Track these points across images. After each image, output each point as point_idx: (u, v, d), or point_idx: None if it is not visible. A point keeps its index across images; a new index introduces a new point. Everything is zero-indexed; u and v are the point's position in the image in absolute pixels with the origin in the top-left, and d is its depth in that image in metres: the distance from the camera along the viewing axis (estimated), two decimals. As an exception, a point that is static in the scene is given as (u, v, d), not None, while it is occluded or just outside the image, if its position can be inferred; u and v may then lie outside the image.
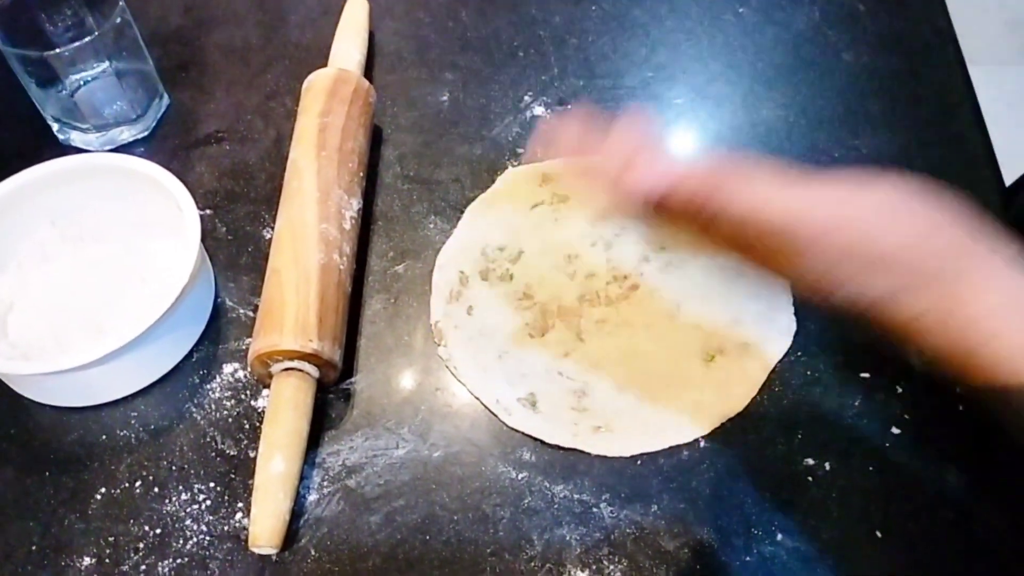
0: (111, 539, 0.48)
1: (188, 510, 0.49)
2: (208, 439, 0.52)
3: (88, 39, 0.58)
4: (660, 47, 0.72)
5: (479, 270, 0.58)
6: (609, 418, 0.51)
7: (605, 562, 0.47)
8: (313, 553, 0.47)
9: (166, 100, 0.68)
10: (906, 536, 0.47)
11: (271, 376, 0.50)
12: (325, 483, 0.50)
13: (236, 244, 0.60)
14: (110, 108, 0.64)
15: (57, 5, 0.62)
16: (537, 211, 0.61)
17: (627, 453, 0.50)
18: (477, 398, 0.53)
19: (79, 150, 0.65)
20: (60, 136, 0.65)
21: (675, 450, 0.51)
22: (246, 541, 0.46)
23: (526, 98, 0.69)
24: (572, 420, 0.51)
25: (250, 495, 0.47)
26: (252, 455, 0.50)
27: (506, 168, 0.64)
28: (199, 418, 0.52)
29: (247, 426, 0.52)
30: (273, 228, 0.57)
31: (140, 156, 0.56)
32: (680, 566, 0.47)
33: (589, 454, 0.50)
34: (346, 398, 0.53)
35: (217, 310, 0.57)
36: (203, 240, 0.54)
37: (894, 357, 0.53)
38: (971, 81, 0.69)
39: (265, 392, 0.53)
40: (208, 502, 0.49)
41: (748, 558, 0.47)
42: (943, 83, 0.69)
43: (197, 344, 0.55)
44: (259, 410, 0.52)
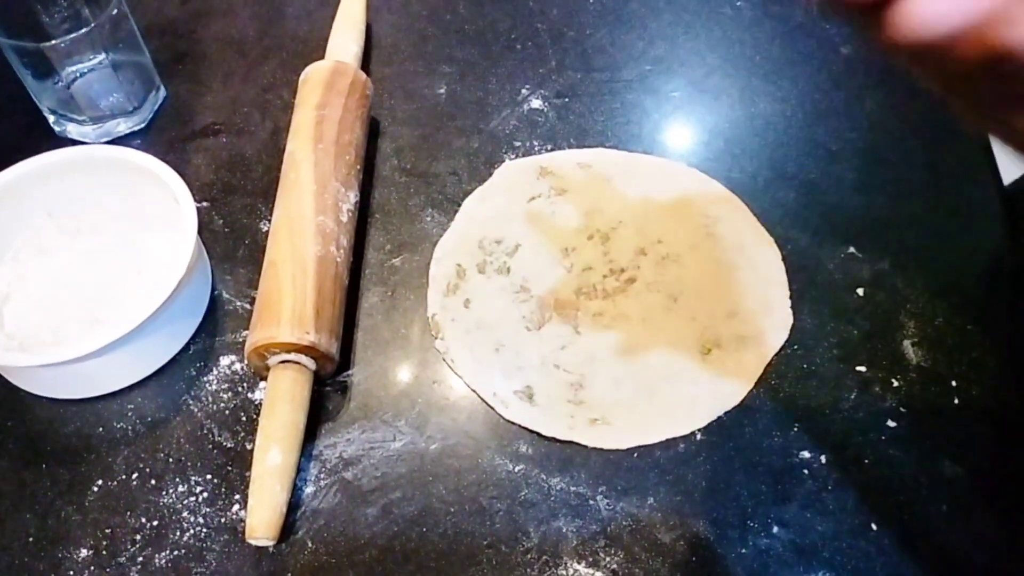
0: (108, 531, 0.48)
1: (185, 502, 0.49)
2: (205, 431, 0.52)
3: (84, 30, 0.58)
4: (658, 40, 0.72)
5: (476, 263, 0.58)
6: (606, 411, 0.52)
7: (601, 554, 0.47)
8: (310, 545, 0.47)
9: (163, 92, 0.68)
10: (901, 529, 0.48)
11: (268, 369, 0.50)
12: (322, 475, 0.50)
13: (233, 236, 0.60)
14: (106, 100, 0.64)
15: (53, -4, 0.62)
16: (534, 204, 0.61)
17: (623, 446, 0.50)
18: (474, 391, 0.53)
19: (75, 142, 0.64)
20: (56, 128, 0.65)
21: (671, 443, 0.51)
22: (243, 533, 0.46)
23: (523, 91, 0.68)
24: (569, 413, 0.51)
25: (247, 487, 0.47)
26: (249, 447, 0.50)
27: (503, 161, 0.64)
28: (196, 410, 0.52)
29: (244, 418, 0.52)
30: (270, 221, 0.57)
31: (137, 148, 0.56)
32: (676, 558, 0.47)
33: (585, 447, 0.50)
34: (343, 391, 0.53)
35: (214, 302, 0.57)
36: (200, 232, 0.54)
37: (890, 351, 0.54)
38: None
39: (262, 384, 0.53)
40: (205, 494, 0.49)
41: (744, 550, 0.47)
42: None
43: (194, 336, 0.55)
44: (256, 402, 0.52)
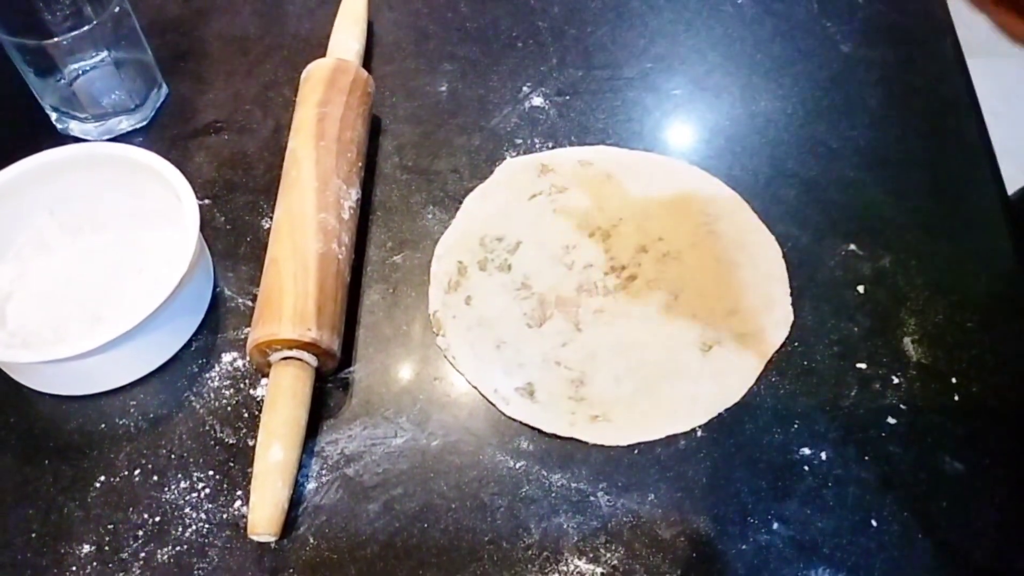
0: (110, 527, 0.48)
1: (187, 498, 0.49)
2: (207, 428, 0.52)
3: (86, 28, 0.58)
4: (659, 38, 0.72)
5: (477, 260, 0.58)
6: (606, 408, 0.52)
7: (602, 550, 0.47)
8: (312, 541, 0.48)
9: (165, 90, 0.68)
10: (901, 526, 0.48)
11: (270, 365, 0.50)
12: (324, 471, 0.50)
13: (235, 234, 0.60)
14: (109, 98, 0.64)
15: (55, -6, 0.62)
16: (535, 201, 0.61)
17: (624, 442, 0.51)
18: (475, 387, 0.53)
19: (78, 140, 0.65)
20: (59, 126, 0.65)
21: (672, 439, 0.51)
22: (245, 529, 0.46)
23: (524, 88, 0.69)
24: (569, 409, 0.52)
25: (249, 483, 0.47)
26: (251, 444, 0.50)
27: (504, 159, 0.64)
28: (198, 407, 0.53)
29: (246, 415, 0.52)
30: (272, 218, 0.57)
31: (139, 146, 0.56)
32: (676, 555, 0.47)
33: (586, 443, 0.51)
34: (344, 387, 0.53)
35: (216, 299, 0.57)
36: (202, 230, 0.54)
37: (890, 348, 0.54)
38: (969, 73, 0.69)
39: (264, 381, 0.53)
40: (207, 490, 0.49)
41: (744, 547, 0.47)
42: (941, 75, 0.69)
43: (196, 333, 0.55)
44: (258, 399, 0.53)
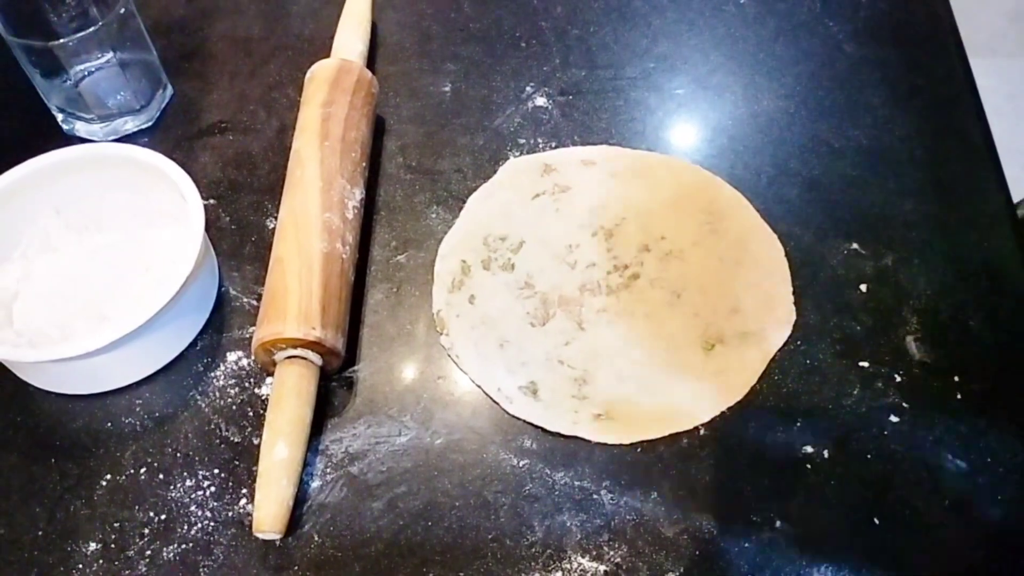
0: (116, 525, 0.48)
1: (193, 496, 0.49)
2: (212, 426, 0.52)
3: (92, 29, 0.59)
4: (661, 38, 0.72)
5: (481, 260, 0.58)
6: (609, 406, 0.52)
7: (605, 548, 0.47)
8: (316, 539, 0.48)
9: (170, 90, 0.69)
10: (903, 524, 0.48)
11: (275, 364, 0.51)
12: (328, 470, 0.50)
13: (240, 233, 0.61)
14: (114, 98, 0.64)
15: (61, -5, 0.62)
16: (538, 201, 0.61)
17: (627, 441, 0.51)
18: (479, 386, 0.53)
19: (83, 140, 0.65)
20: (64, 126, 0.66)
21: (675, 438, 0.51)
22: (250, 527, 0.47)
23: (528, 88, 0.69)
24: (573, 408, 0.52)
25: (254, 481, 0.47)
26: (256, 442, 0.51)
27: (508, 158, 0.64)
28: (203, 406, 0.53)
29: (251, 413, 0.52)
30: (276, 217, 0.57)
31: (144, 146, 0.56)
32: (679, 552, 0.47)
33: (589, 442, 0.51)
34: (349, 386, 0.54)
35: (221, 299, 0.57)
36: (207, 229, 0.54)
37: (892, 346, 0.54)
38: (972, 73, 0.69)
39: (269, 380, 0.53)
40: (212, 488, 0.50)
41: (747, 544, 0.47)
42: (944, 75, 0.69)
43: (201, 333, 0.56)
44: (263, 398, 0.53)
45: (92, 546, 0.48)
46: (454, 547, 0.48)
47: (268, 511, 0.45)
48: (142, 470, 0.50)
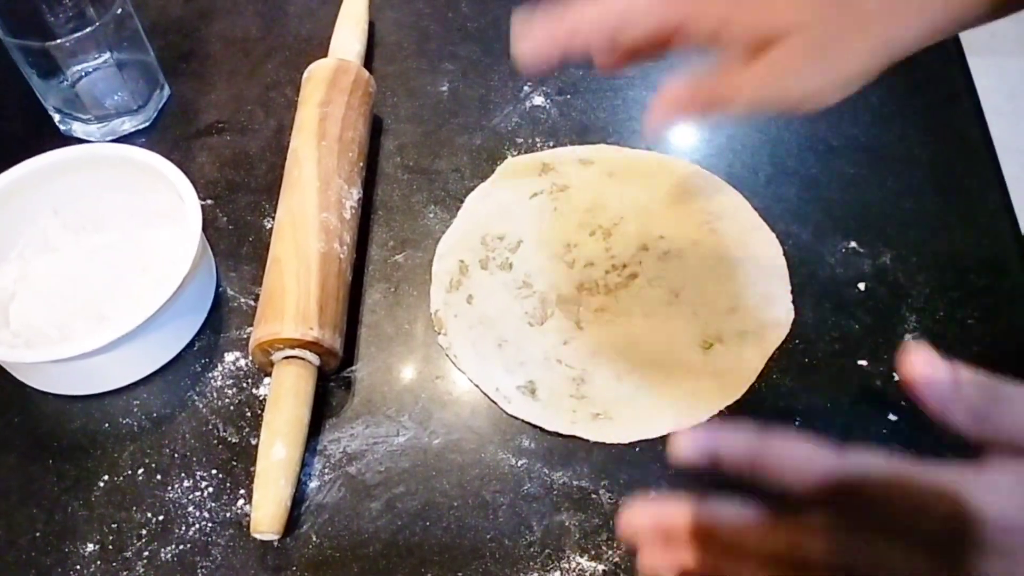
0: (114, 526, 0.48)
1: (190, 497, 0.49)
2: (210, 427, 0.52)
3: (89, 30, 0.59)
4: (659, 37, 0.72)
5: (479, 259, 0.58)
6: (608, 405, 0.52)
7: (604, 547, 0.47)
8: (314, 539, 0.48)
9: (167, 91, 0.69)
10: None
11: (272, 364, 0.51)
12: (326, 470, 0.50)
13: (237, 233, 0.61)
14: (111, 99, 0.64)
15: (58, -4, 0.62)
16: (536, 200, 0.61)
17: (626, 440, 0.51)
18: (477, 386, 0.53)
19: (81, 141, 0.65)
20: (62, 127, 0.66)
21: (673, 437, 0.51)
22: (248, 527, 0.47)
23: (525, 88, 0.69)
24: (571, 407, 0.52)
25: (252, 482, 0.47)
26: (254, 442, 0.51)
27: (505, 158, 0.64)
28: (201, 406, 0.53)
29: (248, 414, 0.52)
30: (274, 218, 0.57)
31: (141, 147, 0.56)
32: (678, 552, 0.47)
33: (588, 441, 0.51)
34: (347, 386, 0.53)
35: (218, 299, 0.57)
36: (204, 229, 0.54)
37: (891, 345, 0.54)
38: (970, 71, 0.69)
39: (266, 380, 0.53)
40: (210, 489, 0.50)
41: (745, 544, 0.47)
42: (942, 73, 0.69)
43: (199, 333, 0.56)
44: (260, 398, 0.53)
45: (90, 547, 0.48)
46: (452, 547, 0.48)
47: (266, 511, 0.45)
48: (140, 471, 0.50)
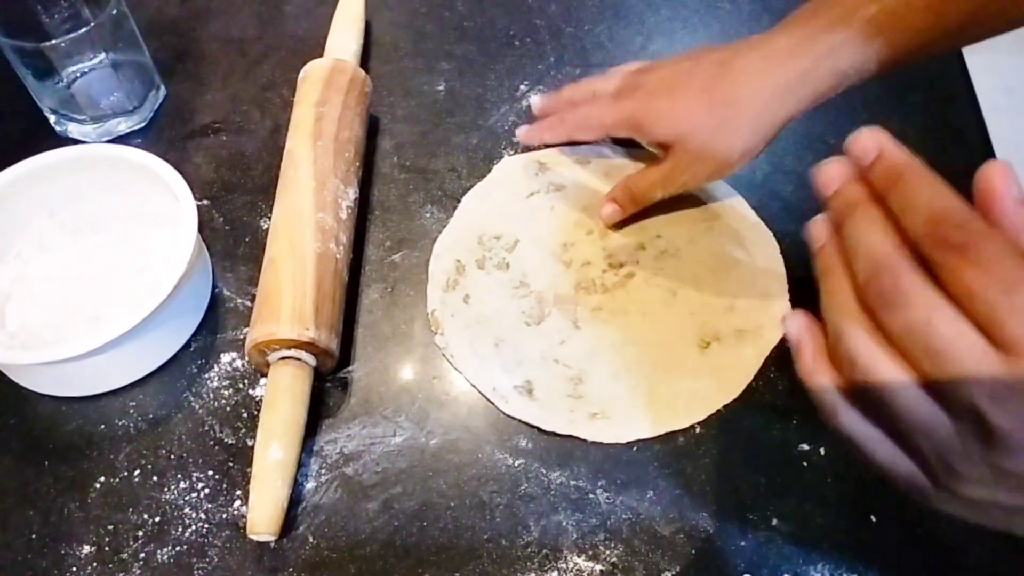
0: (110, 527, 0.48)
1: (187, 498, 0.49)
2: (206, 428, 0.52)
3: (84, 30, 0.59)
4: (656, 35, 0.72)
5: (475, 259, 0.58)
6: (605, 405, 0.52)
7: (601, 548, 0.47)
8: (311, 540, 0.48)
9: (163, 91, 0.68)
10: (900, 520, 0.48)
11: (268, 365, 0.50)
12: (323, 471, 0.50)
13: (233, 234, 0.60)
14: (107, 99, 0.64)
15: (53, -4, 0.62)
16: (533, 199, 0.61)
17: (623, 440, 0.51)
18: (474, 386, 0.53)
19: (76, 141, 0.65)
20: (57, 128, 0.65)
21: (671, 436, 0.51)
22: (244, 528, 0.46)
23: (522, 87, 0.69)
24: (568, 407, 0.52)
25: (248, 483, 0.47)
26: (250, 443, 0.50)
27: (502, 157, 0.64)
28: (197, 407, 0.53)
29: (245, 415, 0.52)
30: (270, 218, 0.57)
31: (137, 147, 0.56)
32: (676, 551, 0.47)
33: (585, 441, 0.51)
34: (343, 387, 0.53)
35: (215, 300, 0.57)
36: (200, 230, 0.54)
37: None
38: (968, 68, 0.69)
39: (263, 381, 0.53)
40: (207, 490, 0.49)
41: (744, 543, 0.47)
42: (940, 70, 0.69)
43: (195, 334, 0.55)
44: (257, 399, 0.53)
45: (86, 549, 0.48)
46: (449, 548, 0.47)
47: (262, 512, 0.45)
48: (136, 472, 0.50)
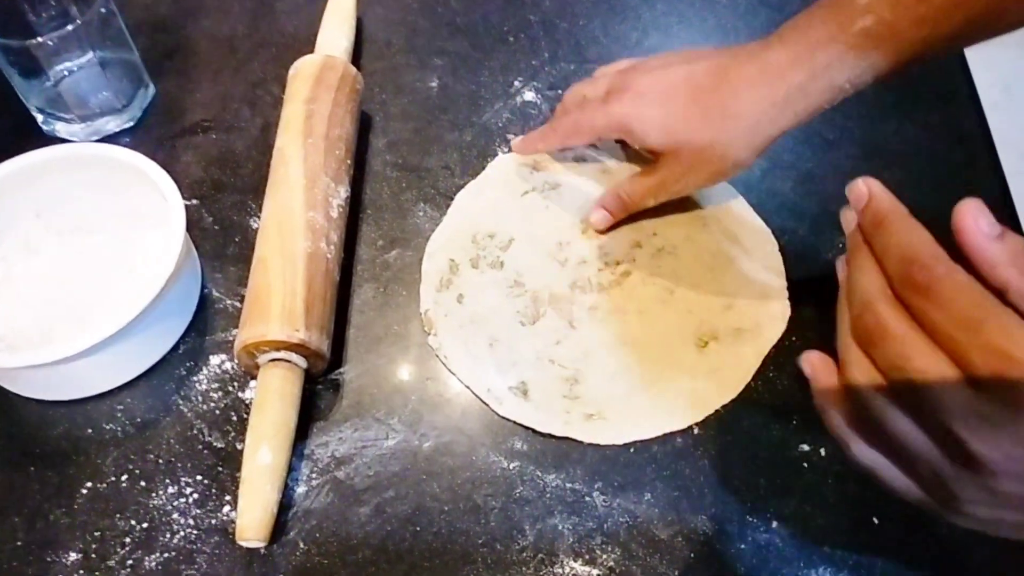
0: (97, 534, 0.47)
1: (175, 503, 0.48)
2: (195, 432, 0.51)
3: (71, 28, 0.58)
4: (652, 30, 0.71)
5: (469, 258, 0.57)
6: (602, 406, 0.51)
7: (598, 551, 0.46)
8: (302, 546, 0.47)
9: (152, 90, 0.67)
10: (901, 521, 0.47)
11: (258, 367, 0.50)
12: (314, 475, 0.49)
13: (223, 234, 0.60)
14: (95, 98, 0.63)
15: (40, -7, 0.61)
16: (528, 198, 0.60)
17: (620, 441, 0.50)
18: (468, 387, 0.52)
19: (64, 141, 0.64)
20: (45, 127, 0.65)
21: (668, 437, 0.50)
22: (234, 534, 0.46)
23: (516, 83, 0.68)
24: (564, 408, 0.51)
25: (238, 488, 0.46)
26: (240, 447, 0.50)
27: (496, 155, 0.63)
28: (186, 410, 0.52)
29: (234, 418, 0.51)
30: (260, 217, 0.56)
31: (126, 146, 0.55)
32: (674, 555, 0.46)
33: (581, 442, 0.50)
34: (335, 389, 0.52)
35: (204, 301, 0.56)
36: (189, 230, 0.53)
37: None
38: (967, 64, 0.69)
39: (253, 383, 0.52)
40: (195, 495, 0.49)
41: (743, 546, 0.46)
42: (939, 65, 0.68)
43: (183, 336, 0.54)
44: (246, 402, 0.52)
45: (72, 556, 0.47)
46: (443, 552, 0.47)
47: (252, 518, 0.44)
48: (123, 477, 0.49)
